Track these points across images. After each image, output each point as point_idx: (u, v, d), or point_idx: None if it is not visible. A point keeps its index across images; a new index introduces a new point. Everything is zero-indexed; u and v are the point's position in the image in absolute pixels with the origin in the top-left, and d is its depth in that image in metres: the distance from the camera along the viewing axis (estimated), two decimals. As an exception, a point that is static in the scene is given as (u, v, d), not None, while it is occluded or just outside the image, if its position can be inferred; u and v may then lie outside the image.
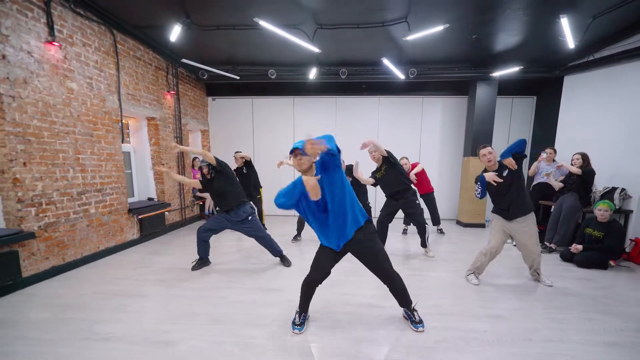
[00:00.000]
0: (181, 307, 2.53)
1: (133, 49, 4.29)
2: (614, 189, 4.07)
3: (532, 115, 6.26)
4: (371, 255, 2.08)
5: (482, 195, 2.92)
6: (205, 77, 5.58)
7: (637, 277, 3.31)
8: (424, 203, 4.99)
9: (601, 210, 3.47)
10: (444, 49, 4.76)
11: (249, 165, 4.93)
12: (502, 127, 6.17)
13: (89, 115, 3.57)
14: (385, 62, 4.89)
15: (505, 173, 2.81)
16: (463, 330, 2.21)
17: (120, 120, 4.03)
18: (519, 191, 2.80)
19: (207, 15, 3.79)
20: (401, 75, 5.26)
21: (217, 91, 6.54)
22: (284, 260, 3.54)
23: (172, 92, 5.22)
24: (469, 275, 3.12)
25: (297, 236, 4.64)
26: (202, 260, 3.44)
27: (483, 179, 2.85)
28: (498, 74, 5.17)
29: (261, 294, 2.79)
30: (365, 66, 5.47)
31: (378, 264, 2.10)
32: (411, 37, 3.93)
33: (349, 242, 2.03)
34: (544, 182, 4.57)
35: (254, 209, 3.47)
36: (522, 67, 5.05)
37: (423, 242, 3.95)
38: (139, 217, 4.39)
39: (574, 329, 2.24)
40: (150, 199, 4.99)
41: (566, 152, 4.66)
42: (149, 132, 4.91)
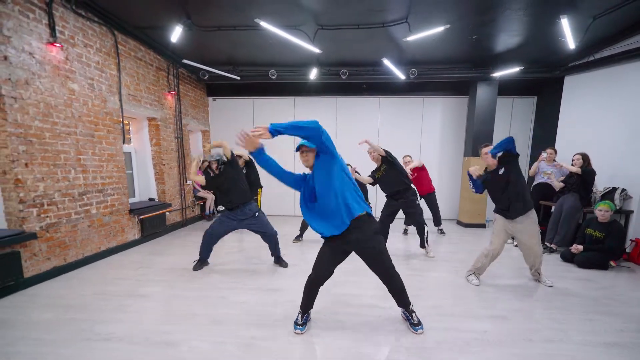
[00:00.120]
0: (182, 308, 2.54)
1: (134, 49, 4.30)
2: (614, 189, 4.07)
3: (533, 116, 6.26)
4: (373, 256, 2.08)
5: (477, 189, 3.03)
6: (206, 78, 5.59)
7: (638, 277, 3.31)
8: (425, 203, 5.00)
9: (602, 211, 3.47)
10: (445, 50, 4.76)
11: (248, 166, 4.93)
12: (502, 127, 6.16)
13: (90, 116, 3.58)
14: (386, 62, 4.90)
15: (502, 171, 2.82)
16: (463, 330, 2.21)
17: (121, 120, 4.04)
18: (518, 190, 2.79)
19: (208, 16, 3.80)
20: (402, 76, 5.26)
21: (218, 91, 6.55)
22: (279, 261, 3.54)
23: (172, 92, 5.23)
24: (469, 275, 3.12)
25: (299, 237, 4.64)
26: (202, 260, 3.45)
27: (469, 174, 3.00)
28: (498, 74, 5.17)
29: (262, 294, 2.80)
30: (366, 66, 5.47)
31: (379, 264, 2.10)
32: (412, 38, 3.93)
33: (350, 239, 2.01)
34: (544, 183, 4.57)
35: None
36: (523, 67, 5.05)
37: (422, 242, 3.96)
38: (140, 217, 4.40)
39: (574, 330, 2.24)
40: (151, 199, 5.00)
41: (567, 153, 4.66)
42: (150, 133, 4.93)
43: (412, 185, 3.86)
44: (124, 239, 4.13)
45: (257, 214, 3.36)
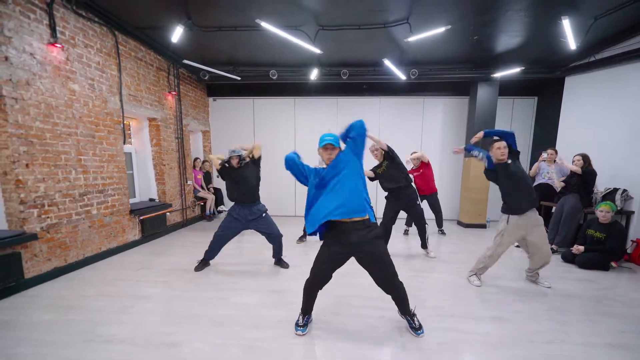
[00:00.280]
0: (183, 309, 2.54)
1: (135, 50, 4.29)
2: (615, 190, 4.07)
3: (533, 116, 6.26)
4: (373, 261, 2.03)
5: (487, 163, 2.89)
6: (206, 78, 5.58)
7: (639, 278, 3.32)
8: (427, 204, 4.99)
9: (603, 212, 3.47)
10: (445, 50, 4.76)
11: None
12: (503, 127, 6.13)
13: (91, 117, 3.58)
14: (387, 63, 4.89)
15: (511, 164, 2.81)
16: (465, 332, 2.21)
17: (121, 121, 4.04)
18: (527, 181, 2.80)
19: (208, 17, 3.80)
20: (402, 76, 5.26)
21: (218, 92, 6.54)
22: (280, 262, 3.55)
23: (173, 92, 5.22)
24: (471, 276, 3.12)
25: (303, 237, 4.63)
26: (205, 261, 3.45)
27: (470, 146, 3.06)
28: (499, 74, 5.17)
29: (264, 296, 2.80)
30: (367, 67, 5.47)
31: (380, 269, 2.04)
32: (413, 39, 3.93)
33: (349, 242, 1.96)
34: (545, 183, 4.57)
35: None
36: (523, 67, 5.04)
37: (423, 243, 3.96)
38: (141, 217, 4.39)
39: (575, 331, 2.24)
40: (151, 199, 5.00)
41: (567, 153, 4.66)
42: (150, 133, 4.92)
43: (412, 184, 3.87)
44: (124, 239, 4.13)
45: (264, 214, 3.37)
